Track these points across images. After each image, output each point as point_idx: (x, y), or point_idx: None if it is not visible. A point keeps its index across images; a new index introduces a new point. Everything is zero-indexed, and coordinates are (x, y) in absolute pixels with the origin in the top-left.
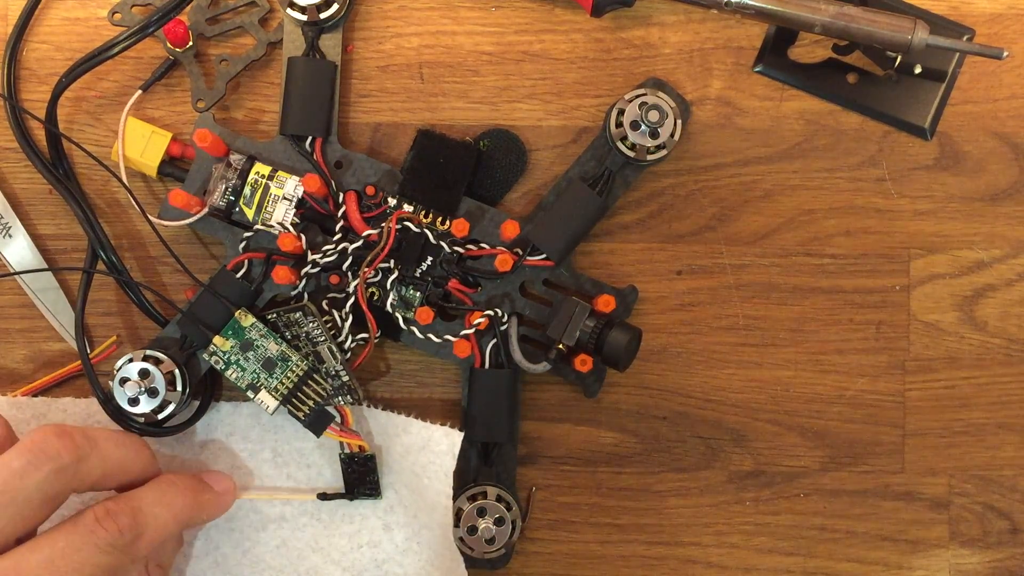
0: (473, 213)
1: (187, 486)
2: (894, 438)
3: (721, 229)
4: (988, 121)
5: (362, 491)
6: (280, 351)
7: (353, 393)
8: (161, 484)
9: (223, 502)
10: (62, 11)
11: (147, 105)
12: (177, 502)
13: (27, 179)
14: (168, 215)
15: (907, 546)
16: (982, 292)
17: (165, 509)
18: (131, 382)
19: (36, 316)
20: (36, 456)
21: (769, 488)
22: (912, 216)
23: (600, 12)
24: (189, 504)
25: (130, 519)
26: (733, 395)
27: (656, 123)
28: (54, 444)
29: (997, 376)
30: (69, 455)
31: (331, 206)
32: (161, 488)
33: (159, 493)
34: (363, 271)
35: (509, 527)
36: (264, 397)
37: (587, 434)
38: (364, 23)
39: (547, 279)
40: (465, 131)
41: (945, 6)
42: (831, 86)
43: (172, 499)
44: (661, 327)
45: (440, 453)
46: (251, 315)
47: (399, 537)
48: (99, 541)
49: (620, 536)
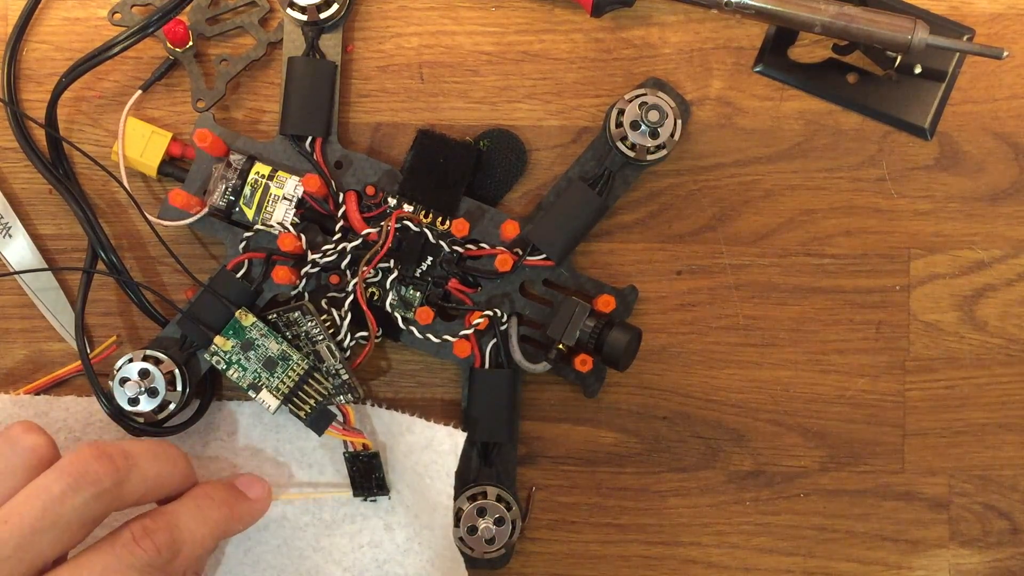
0: (473, 213)
1: (223, 498)
2: (894, 438)
3: (721, 229)
4: (988, 121)
5: (368, 488)
6: (281, 350)
7: (353, 391)
8: (197, 498)
9: (258, 509)
10: (62, 11)
11: (147, 105)
12: (213, 515)
13: (27, 179)
14: (168, 215)
15: (907, 546)
16: (982, 292)
17: (202, 524)
18: (131, 382)
19: (36, 316)
20: (76, 480)
21: (769, 488)
22: (912, 216)
23: (600, 12)
24: (225, 516)
25: (167, 536)
26: (733, 395)
27: (656, 123)
28: (94, 468)
29: (997, 376)
30: (109, 478)
31: (331, 206)
32: (197, 502)
33: (195, 508)
34: (362, 270)
35: (509, 527)
36: (265, 396)
37: (587, 434)
38: (364, 23)
39: (547, 279)
40: (465, 131)
41: (945, 6)
42: (831, 86)
43: (208, 513)
44: (661, 327)
45: (443, 453)
46: (252, 315)
47: (400, 537)
48: (136, 561)
49: (620, 536)
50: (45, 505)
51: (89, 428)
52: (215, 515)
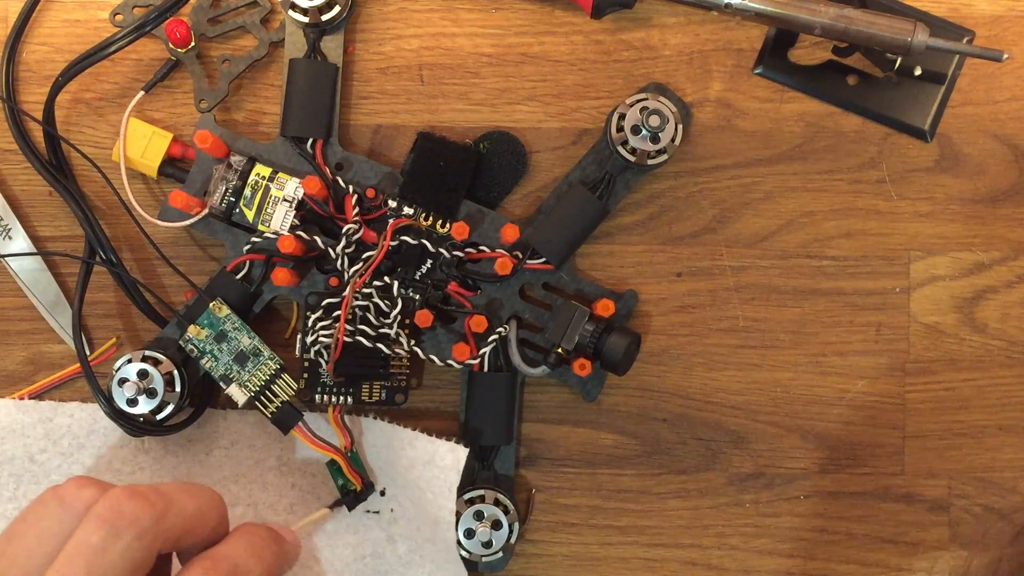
0: (473, 216)
1: (269, 536)
2: (894, 440)
3: (721, 231)
4: (988, 123)
5: (360, 502)
6: (252, 345)
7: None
8: (249, 536)
9: (295, 554)
10: (62, 12)
11: (147, 107)
12: (266, 553)
13: (26, 181)
14: (168, 216)
15: (907, 548)
16: (982, 294)
17: (258, 562)
18: (130, 383)
19: (36, 318)
20: (114, 526)
21: (769, 490)
22: (912, 218)
23: (600, 14)
24: (276, 553)
25: (229, 566)
26: (733, 397)
27: (657, 128)
28: (129, 508)
29: (997, 378)
30: (148, 516)
31: (331, 208)
32: (249, 540)
33: (249, 546)
34: (354, 281)
35: (507, 531)
36: (234, 391)
37: (587, 436)
38: (364, 25)
39: (547, 283)
40: (465, 133)
41: (945, 8)
42: (831, 88)
43: (262, 551)
44: (661, 329)
45: (445, 468)
46: (226, 306)
47: (402, 549)
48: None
49: (620, 538)
50: (89, 561)
51: (93, 435)
52: (267, 552)
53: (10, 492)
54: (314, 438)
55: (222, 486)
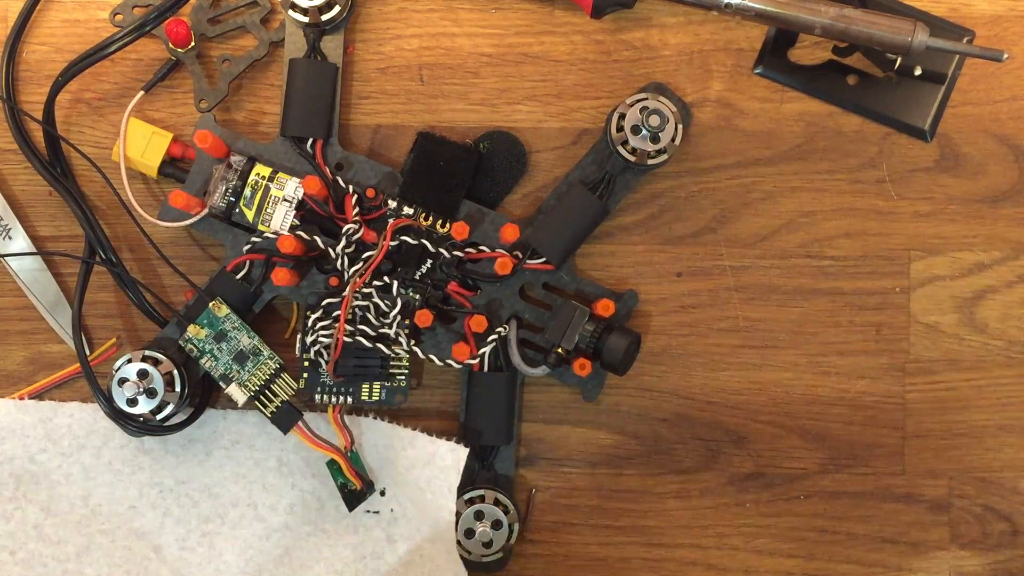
0: (473, 216)
1: None
2: (894, 440)
3: (721, 231)
4: (988, 123)
5: (360, 502)
6: (252, 345)
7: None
8: None
9: None
10: (62, 12)
11: (147, 106)
12: None
13: (26, 181)
14: (168, 216)
15: (907, 548)
16: (982, 294)
17: None
18: (130, 382)
19: (36, 318)
20: None
21: (769, 490)
22: (912, 218)
23: (600, 14)
24: None
25: None
26: (733, 397)
27: (657, 128)
28: None
29: (997, 378)
30: None
31: (331, 208)
32: None
33: None
34: (354, 281)
35: (506, 530)
36: (234, 391)
37: (587, 436)
38: (364, 25)
39: (547, 283)
40: (465, 133)
41: (945, 8)
42: (831, 88)
43: None
44: (661, 329)
45: (445, 468)
46: (226, 306)
47: (402, 549)
48: None
49: (620, 538)
50: None
51: (93, 435)
52: None
53: (10, 492)
54: (314, 438)
55: (222, 486)
